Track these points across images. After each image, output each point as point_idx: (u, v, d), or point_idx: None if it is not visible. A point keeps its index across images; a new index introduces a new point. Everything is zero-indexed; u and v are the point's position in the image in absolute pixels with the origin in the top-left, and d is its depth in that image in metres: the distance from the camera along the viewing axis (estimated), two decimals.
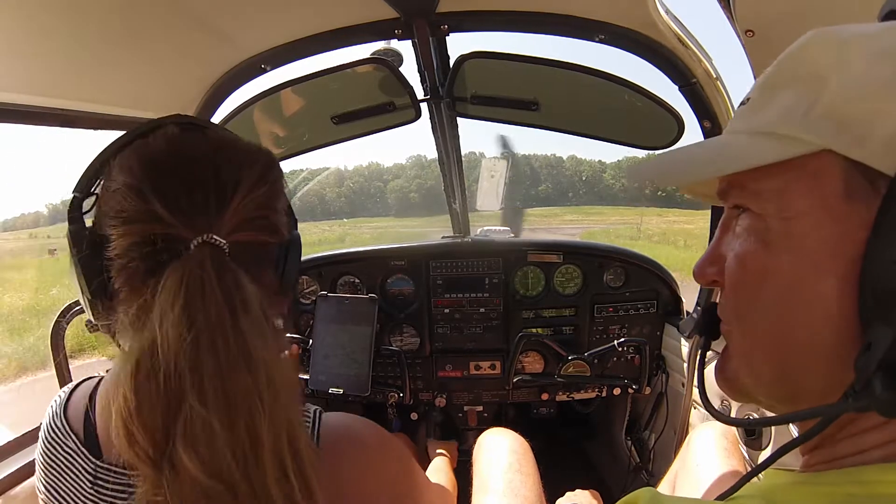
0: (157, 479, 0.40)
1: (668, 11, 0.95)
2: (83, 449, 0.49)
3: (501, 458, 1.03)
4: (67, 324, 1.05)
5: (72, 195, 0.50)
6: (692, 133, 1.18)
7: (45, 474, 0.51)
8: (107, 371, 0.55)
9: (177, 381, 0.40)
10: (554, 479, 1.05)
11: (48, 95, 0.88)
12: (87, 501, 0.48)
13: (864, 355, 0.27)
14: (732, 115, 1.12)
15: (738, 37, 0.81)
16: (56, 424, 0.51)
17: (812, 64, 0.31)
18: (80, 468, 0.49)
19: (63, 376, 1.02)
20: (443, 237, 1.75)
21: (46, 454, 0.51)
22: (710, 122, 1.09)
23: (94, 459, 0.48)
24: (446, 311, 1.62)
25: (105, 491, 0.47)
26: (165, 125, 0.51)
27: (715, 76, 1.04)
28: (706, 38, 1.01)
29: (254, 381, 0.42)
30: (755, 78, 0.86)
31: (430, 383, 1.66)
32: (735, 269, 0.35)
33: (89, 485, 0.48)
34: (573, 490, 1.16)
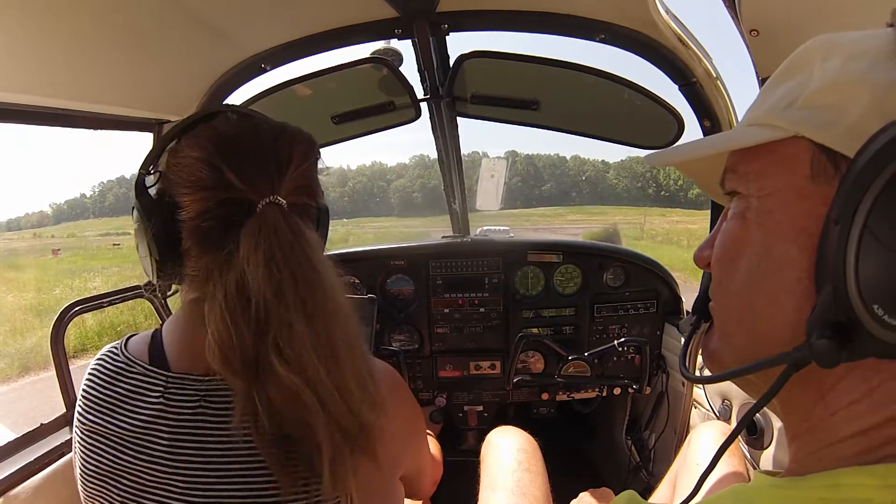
0: (248, 391, 0.49)
1: (668, 11, 0.95)
2: (152, 367, 0.57)
3: (510, 456, 1.03)
4: (68, 323, 1.05)
5: (138, 173, 0.58)
6: (692, 132, 1.18)
7: (98, 411, 0.57)
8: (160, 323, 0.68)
9: (264, 305, 0.49)
10: (554, 478, 1.05)
11: (48, 95, 0.88)
12: (153, 411, 0.55)
13: (811, 315, 0.30)
14: (732, 114, 1.12)
15: (742, 36, 0.80)
16: (118, 360, 0.60)
17: (805, 64, 0.35)
18: (148, 384, 0.57)
19: (64, 376, 1.02)
20: (443, 237, 1.75)
21: (103, 389, 0.58)
22: (710, 122, 1.09)
23: (164, 371, 0.57)
24: (446, 310, 1.62)
25: (174, 397, 0.55)
26: (224, 112, 0.61)
27: (715, 75, 1.04)
28: (706, 38, 1.01)
29: (325, 295, 0.52)
30: (757, 77, 0.86)
31: (430, 383, 1.66)
32: (719, 243, 0.39)
33: (158, 395, 0.56)
34: (574, 489, 1.16)
